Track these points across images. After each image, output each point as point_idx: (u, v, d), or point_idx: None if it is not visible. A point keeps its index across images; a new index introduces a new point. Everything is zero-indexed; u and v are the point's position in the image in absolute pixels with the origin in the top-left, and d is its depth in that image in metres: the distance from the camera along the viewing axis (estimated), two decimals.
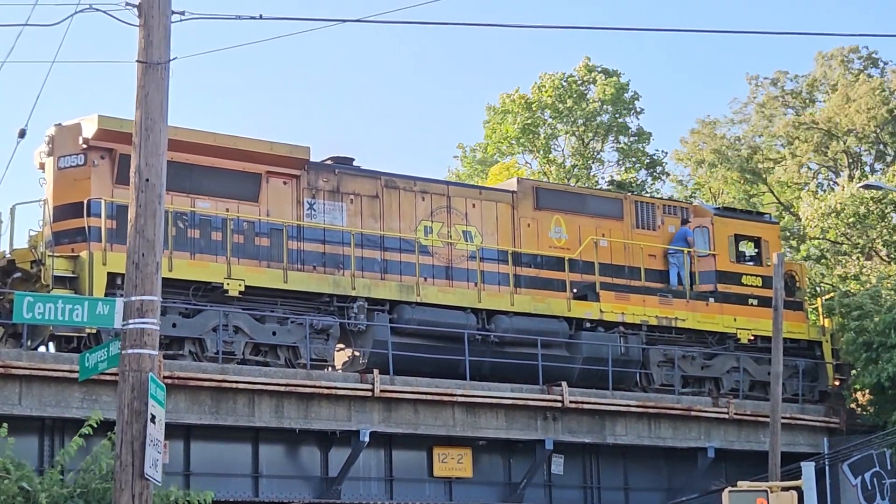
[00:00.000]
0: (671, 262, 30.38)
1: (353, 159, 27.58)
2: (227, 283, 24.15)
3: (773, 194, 50.00)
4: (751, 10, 70.85)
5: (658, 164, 51.05)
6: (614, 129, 50.28)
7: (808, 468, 21.70)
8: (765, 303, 29.78)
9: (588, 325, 28.56)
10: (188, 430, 23.59)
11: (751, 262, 31.48)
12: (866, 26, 66.00)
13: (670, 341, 29.86)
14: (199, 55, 14.86)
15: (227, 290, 24.13)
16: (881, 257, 42.65)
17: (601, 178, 50.28)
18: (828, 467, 30.14)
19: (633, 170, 50.66)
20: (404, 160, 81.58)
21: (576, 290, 28.74)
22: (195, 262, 24.19)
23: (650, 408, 27.98)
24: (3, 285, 23.14)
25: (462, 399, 25.70)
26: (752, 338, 30.66)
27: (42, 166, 24.45)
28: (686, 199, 45.41)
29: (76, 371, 14.94)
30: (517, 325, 27.49)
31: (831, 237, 42.97)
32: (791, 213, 48.54)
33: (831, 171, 49.66)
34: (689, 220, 30.80)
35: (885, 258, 42.63)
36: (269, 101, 76.15)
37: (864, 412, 31.75)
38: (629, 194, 35.01)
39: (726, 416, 28.94)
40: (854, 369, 31.27)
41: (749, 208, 42.40)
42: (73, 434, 17.74)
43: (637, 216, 30.31)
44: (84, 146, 23.81)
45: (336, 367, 26.13)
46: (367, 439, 24.45)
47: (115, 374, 12.41)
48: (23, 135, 16.32)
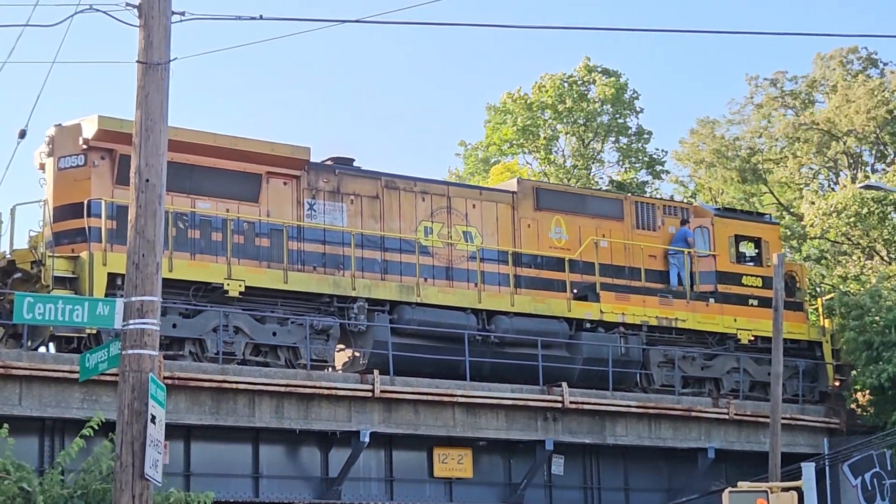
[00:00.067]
0: (671, 263, 30.37)
1: (354, 160, 27.58)
2: (228, 284, 24.15)
3: (773, 195, 49.98)
4: (751, 10, 70.93)
5: (658, 164, 51.02)
6: (614, 129, 50.26)
7: (808, 469, 21.70)
8: (765, 303, 29.78)
9: (588, 325, 28.55)
10: (188, 431, 23.58)
11: (751, 263, 31.46)
12: (866, 27, 66.04)
13: (670, 342, 29.85)
14: (200, 55, 14.87)
15: (227, 291, 24.13)
16: (882, 257, 42.64)
17: (600, 179, 50.25)
18: (828, 468, 30.13)
19: (633, 170, 50.63)
20: (404, 161, 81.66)
21: (576, 291, 28.73)
22: (195, 263, 24.18)
23: (650, 408, 27.97)
24: (3, 286, 23.12)
25: (462, 399, 25.70)
26: (753, 338, 30.65)
27: (42, 167, 24.43)
28: (686, 200, 45.39)
29: (76, 371, 14.95)
30: (517, 325, 27.48)
31: (831, 237, 42.96)
32: (791, 214, 48.51)
33: (831, 171, 49.64)
34: (689, 221, 30.80)
35: (886, 258, 42.62)
36: (269, 101, 76.24)
37: (865, 413, 31.75)
38: (629, 195, 34.98)
39: (726, 416, 28.93)
40: (854, 369, 31.27)
41: (749, 209, 42.37)
42: (73, 434, 17.76)
43: (637, 217, 30.30)
44: (84, 147, 23.79)
45: (336, 368, 26.12)
46: (367, 440, 24.45)
47: (116, 375, 12.41)
48: (23, 135, 16.30)
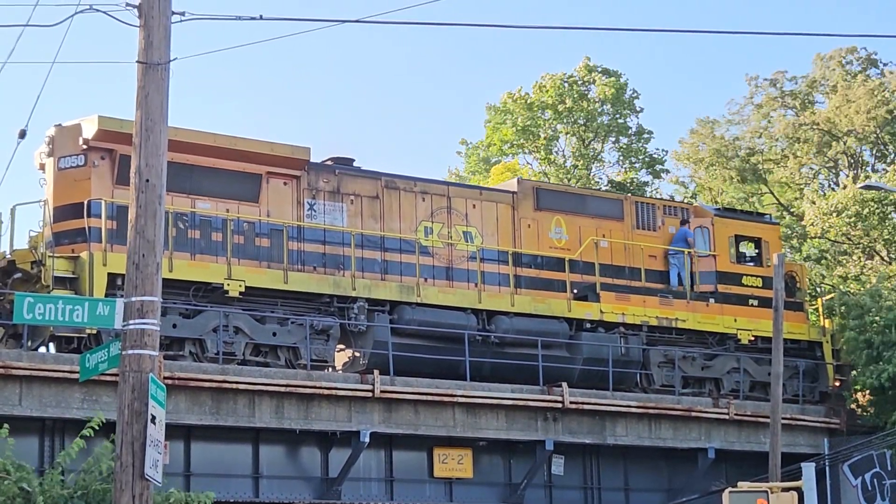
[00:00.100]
0: (672, 263, 30.37)
1: (354, 160, 27.57)
2: (228, 284, 24.15)
3: (773, 195, 49.96)
4: (751, 10, 70.94)
5: (659, 163, 51.00)
6: (614, 129, 50.24)
7: (808, 469, 21.70)
8: (765, 303, 29.77)
9: (588, 325, 28.55)
10: (188, 431, 23.58)
11: (751, 263, 31.46)
12: (866, 27, 66.07)
13: (670, 342, 29.84)
14: (200, 56, 14.87)
15: (227, 291, 24.13)
16: (882, 257, 42.64)
17: (600, 179, 50.23)
18: (828, 468, 30.13)
19: (633, 170, 50.61)
20: (404, 161, 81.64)
21: (576, 291, 28.72)
22: (195, 263, 24.18)
23: (650, 408, 27.97)
24: (3, 286, 23.12)
25: (462, 400, 25.70)
26: (753, 338, 30.65)
27: (42, 167, 24.43)
28: (686, 201, 45.37)
29: (76, 372, 14.95)
30: (517, 325, 27.48)
31: (832, 237, 42.95)
32: (791, 214, 48.49)
33: (831, 171, 49.63)
34: (689, 221, 30.79)
35: (886, 258, 42.61)
36: (269, 101, 76.23)
37: (865, 413, 31.75)
38: (629, 195, 34.99)
39: (727, 416, 28.93)
40: (854, 369, 31.27)
41: (749, 209, 42.36)
42: (73, 435, 17.76)
43: (637, 217, 30.29)
44: (84, 147, 23.79)
45: (336, 368, 26.12)
46: (367, 440, 24.45)
47: (116, 375, 12.41)
48: (23, 135, 16.30)
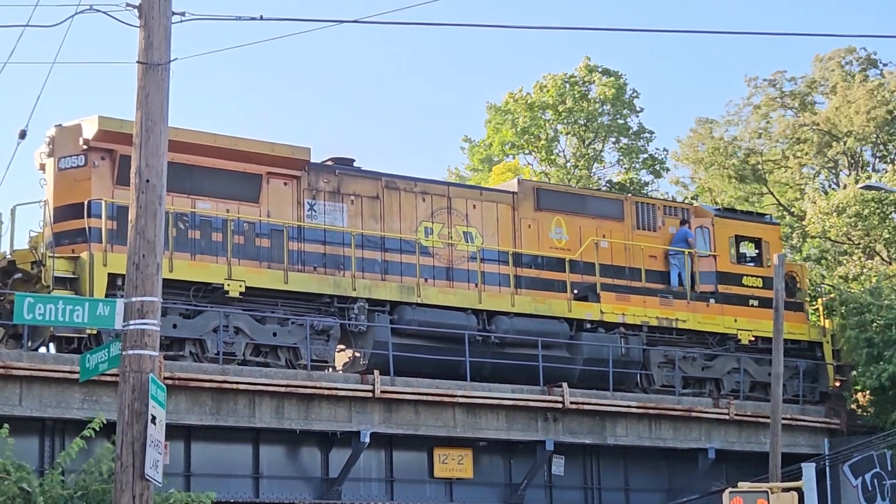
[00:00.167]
0: (672, 263, 30.36)
1: (354, 160, 27.57)
2: (228, 284, 24.15)
3: (773, 196, 49.94)
4: (751, 10, 70.93)
5: (659, 163, 50.97)
6: (615, 129, 50.22)
7: (808, 469, 21.69)
8: (765, 304, 29.77)
9: (589, 325, 28.55)
10: (189, 431, 23.57)
11: (751, 263, 31.45)
12: (865, 27, 66.03)
13: (671, 342, 29.84)
14: (200, 56, 14.86)
15: (227, 291, 24.13)
16: (882, 258, 42.62)
17: (601, 179, 50.20)
18: (828, 468, 30.13)
19: (633, 170, 50.58)
20: (404, 161, 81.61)
21: (576, 291, 28.72)
22: (196, 263, 24.18)
23: (651, 409, 27.96)
24: (3, 286, 23.12)
25: (462, 400, 25.69)
26: (753, 339, 30.65)
27: (42, 167, 24.43)
28: (687, 201, 45.36)
29: (77, 372, 14.96)
30: (518, 325, 27.48)
31: (832, 236, 42.93)
32: (791, 215, 48.47)
33: (832, 172, 49.60)
34: (689, 221, 30.78)
35: (886, 259, 42.59)
36: (269, 101, 76.22)
37: (865, 413, 31.77)
38: (630, 195, 34.99)
39: (727, 416, 28.93)
40: (854, 369, 31.27)
41: (748, 209, 42.34)
42: (73, 435, 17.78)
43: (638, 217, 30.29)
44: (84, 147, 23.79)
45: (336, 368, 26.12)
46: (367, 440, 24.45)
47: (116, 375, 12.42)
48: (23, 136, 16.30)
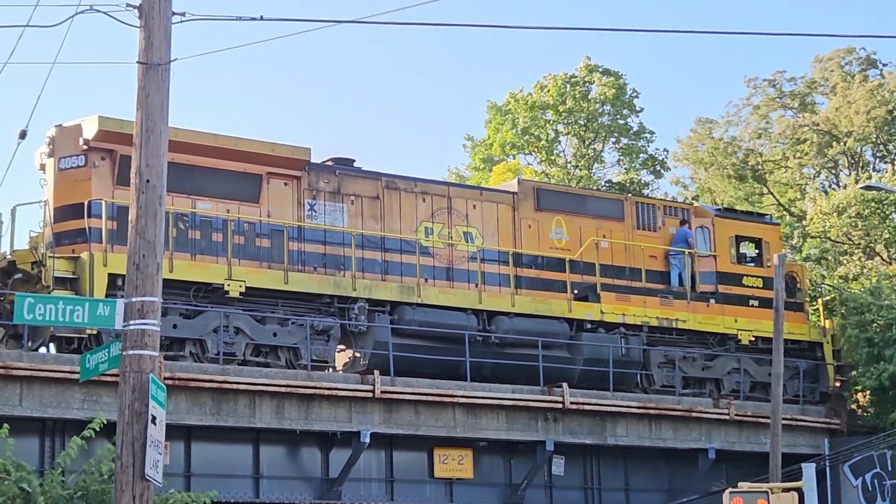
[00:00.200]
0: (672, 264, 30.36)
1: (354, 160, 27.57)
2: (228, 284, 24.15)
3: (773, 196, 49.93)
4: (750, 10, 70.95)
5: (659, 163, 50.96)
6: (615, 130, 50.21)
7: (808, 469, 21.69)
8: (765, 304, 29.77)
9: (589, 326, 28.55)
10: (189, 432, 23.58)
11: (751, 264, 31.45)
12: (865, 27, 66.04)
13: (671, 342, 29.84)
14: (200, 56, 14.86)
15: (227, 291, 24.13)
16: (882, 258, 42.62)
17: (601, 179, 50.19)
18: (828, 468, 30.13)
19: (633, 170, 50.56)
20: (404, 161, 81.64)
21: (577, 292, 28.72)
22: (196, 264, 24.18)
23: (651, 409, 27.96)
24: (3, 286, 23.12)
25: (463, 400, 25.69)
26: (753, 339, 30.65)
27: (43, 167, 24.44)
28: (687, 201, 45.35)
29: (77, 372, 14.96)
30: (518, 326, 27.48)
31: (832, 236, 42.94)
32: (791, 215, 48.46)
33: (832, 172, 49.59)
34: (689, 221, 30.78)
35: (886, 259, 42.59)
36: (269, 101, 76.24)
37: (865, 413, 31.76)
38: (630, 195, 34.98)
39: (727, 417, 28.92)
40: (855, 369, 31.27)
41: (749, 209, 42.34)
42: (73, 435, 17.76)
43: (638, 217, 30.29)
44: (85, 147, 23.79)
45: (337, 369, 26.12)
46: (367, 440, 24.45)
47: (116, 376, 12.41)
48: (23, 136, 16.31)
